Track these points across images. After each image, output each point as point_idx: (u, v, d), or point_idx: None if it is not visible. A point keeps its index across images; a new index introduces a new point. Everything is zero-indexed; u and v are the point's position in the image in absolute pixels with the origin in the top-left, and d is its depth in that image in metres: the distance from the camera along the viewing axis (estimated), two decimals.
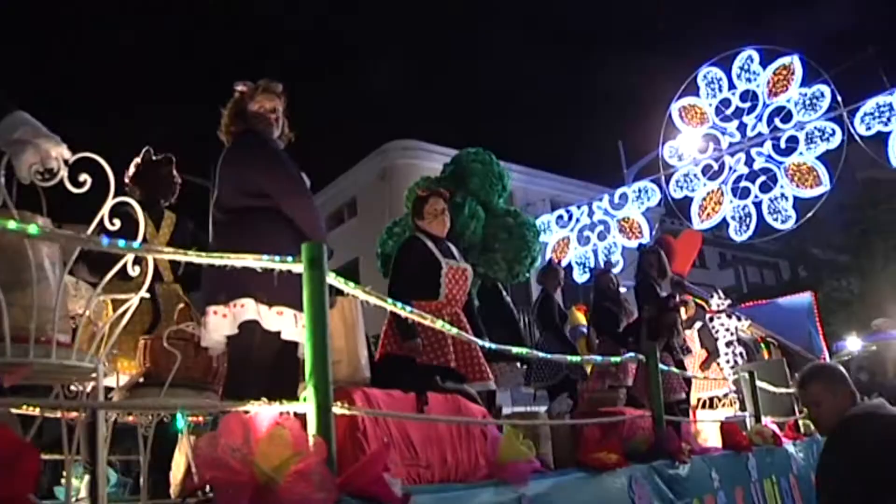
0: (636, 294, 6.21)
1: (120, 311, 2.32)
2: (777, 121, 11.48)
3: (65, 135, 2.10)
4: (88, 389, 2.55)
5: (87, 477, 3.09)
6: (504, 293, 5.46)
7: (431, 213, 4.10)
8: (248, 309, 2.69)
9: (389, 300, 2.39)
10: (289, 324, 2.74)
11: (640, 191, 12.91)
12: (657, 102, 13.14)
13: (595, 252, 13.08)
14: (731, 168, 11.93)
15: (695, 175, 12.27)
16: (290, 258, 2.09)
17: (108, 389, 3.03)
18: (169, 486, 3.50)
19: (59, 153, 2.08)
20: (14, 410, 2.85)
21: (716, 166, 12.11)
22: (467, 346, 3.82)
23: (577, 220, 13.44)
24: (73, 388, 2.60)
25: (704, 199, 12.11)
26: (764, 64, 11.68)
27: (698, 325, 7.27)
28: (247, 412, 1.91)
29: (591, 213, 13.33)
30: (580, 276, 13.18)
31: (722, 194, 11.96)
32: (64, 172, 2.10)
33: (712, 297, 8.01)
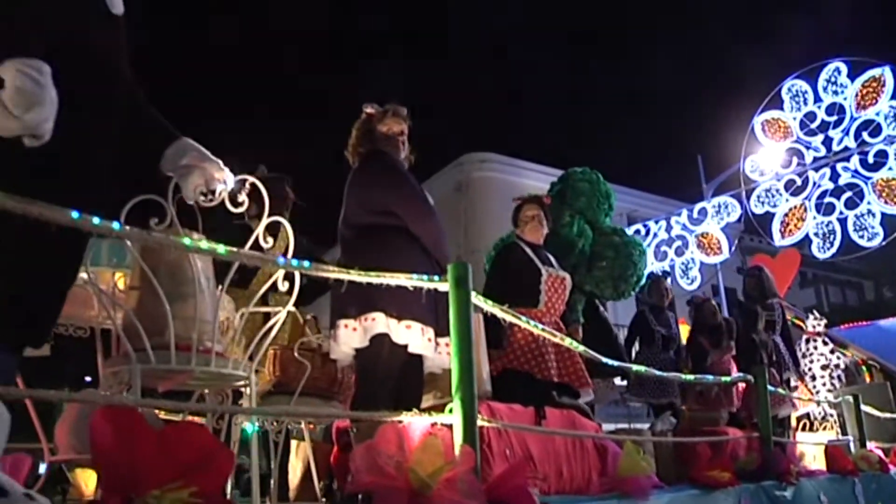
0: (737, 317, 6.11)
1: (270, 323, 2.48)
2: (865, 135, 11.11)
3: None
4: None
5: None
6: (600, 308, 5.47)
7: (524, 219, 4.15)
8: (379, 322, 2.79)
9: (523, 318, 2.46)
10: (416, 337, 2.83)
11: (719, 206, 12.67)
12: (737, 117, 12.89)
13: (672, 267, 12.91)
14: (815, 183, 11.59)
15: (777, 190, 11.96)
16: (436, 277, 2.19)
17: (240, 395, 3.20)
18: (287, 489, 3.69)
19: (221, 176, 2.25)
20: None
21: (799, 181, 11.76)
22: (568, 353, 3.72)
23: (655, 235, 13.27)
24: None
25: (786, 214, 11.77)
26: (852, 76, 11.35)
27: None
28: (400, 422, 2.03)
29: (668, 228, 13.14)
30: None
31: (805, 210, 11.61)
32: (225, 194, 2.28)
33: (808, 317, 7.80)
